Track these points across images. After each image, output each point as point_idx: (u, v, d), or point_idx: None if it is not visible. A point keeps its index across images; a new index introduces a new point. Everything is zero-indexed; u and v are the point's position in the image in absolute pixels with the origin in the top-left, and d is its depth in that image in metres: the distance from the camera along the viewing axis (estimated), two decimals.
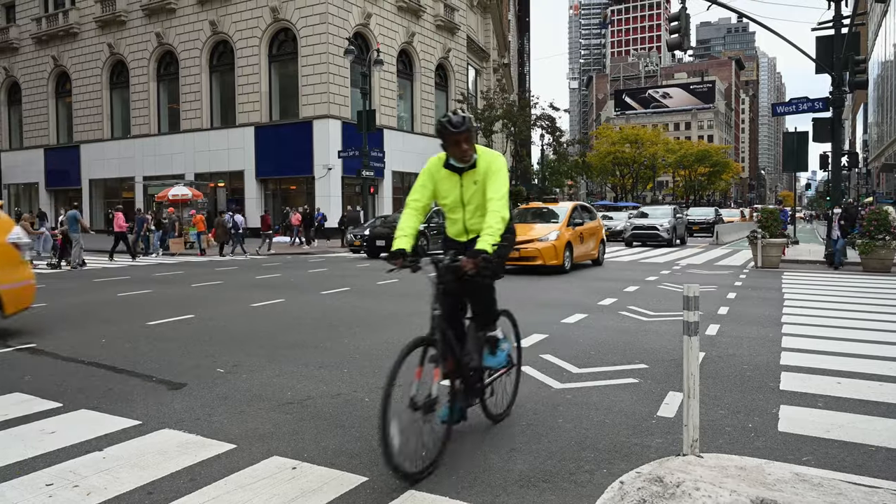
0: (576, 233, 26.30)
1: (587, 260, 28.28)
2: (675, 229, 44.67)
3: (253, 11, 50.90)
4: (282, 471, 5.88)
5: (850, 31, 29.83)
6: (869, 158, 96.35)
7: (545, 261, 24.18)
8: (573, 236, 25.96)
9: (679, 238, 45.98)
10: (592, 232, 28.24)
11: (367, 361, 10.25)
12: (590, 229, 27.93)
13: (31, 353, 11.09)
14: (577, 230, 26.38)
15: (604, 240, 30.18)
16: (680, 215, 48.85)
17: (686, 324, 5.78)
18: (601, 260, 29.36)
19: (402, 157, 53.96)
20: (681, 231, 46.88)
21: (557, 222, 25.96)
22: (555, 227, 25.47)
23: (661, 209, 49.85)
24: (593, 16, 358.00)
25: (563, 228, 25.49)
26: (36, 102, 65.94)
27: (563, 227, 25.58)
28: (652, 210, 49.73)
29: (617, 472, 5.75)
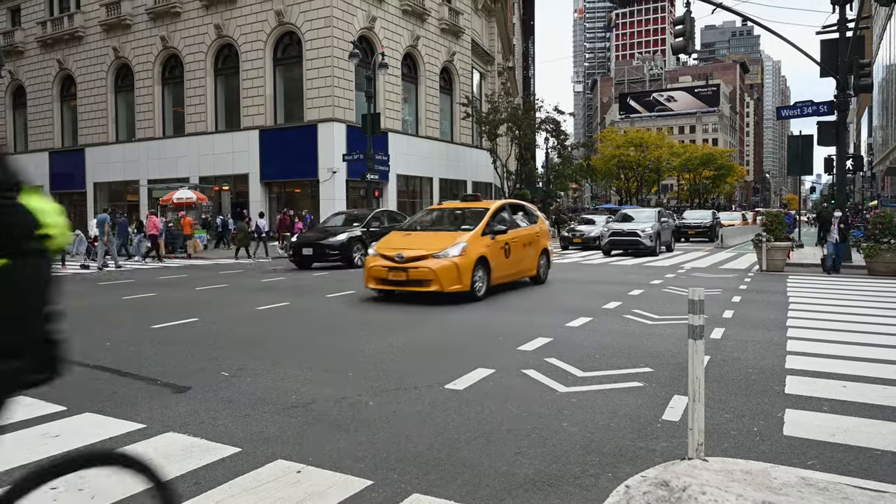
0: (496, 244, 19.42)
1: (522, 278, 21.71)
2: (660, 235, 38.69)
3: (258, 15, 50.93)
4: (287, 474, 5.88)
5: (854, 34, 29.81)
6: (874, 162, 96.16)
7: (443, 286, 17.59)
8: (492, 249, 19.15)
9: (664, 245, 40.48)
10: (528, 241, 21.58)
11: (372, 365, 10.26)
12: (523, 238, 21.17)
13: None
14: (499, 240, 19.56)
15: (547, 250, 23.07)
16: (666, 219, 43.17)
17: (691, 327, 5.78)
18: (543, 277, 22.58)
19: (406, 160, 53.90)
20: (666, 237, 41.19)
21: (471, 229, 19.25)
22: (464, 236, 18.70)
23: (645, 212, 44.57)
24: (598, 19, 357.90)
25: (475, 239, 18.75)
26: (41, 106, 65.97)
27: (476, 236, 18.84)
28: (636, 213, 43.83)
29: (622, 476, 5.74)
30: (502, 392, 8.65)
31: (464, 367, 9.92)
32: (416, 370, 9.88)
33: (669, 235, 42.60)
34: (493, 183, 70.61)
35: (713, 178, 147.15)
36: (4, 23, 67.15)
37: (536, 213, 24.29)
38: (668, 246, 41.91)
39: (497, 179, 69.02)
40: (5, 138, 68.63)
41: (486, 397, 8.42)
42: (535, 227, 22.64)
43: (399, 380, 9.28)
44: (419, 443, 6.71)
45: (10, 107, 68.94)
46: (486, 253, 18.72)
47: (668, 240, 42.11)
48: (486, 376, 9.43)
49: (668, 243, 41.77)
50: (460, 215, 21.20)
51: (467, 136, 65.44)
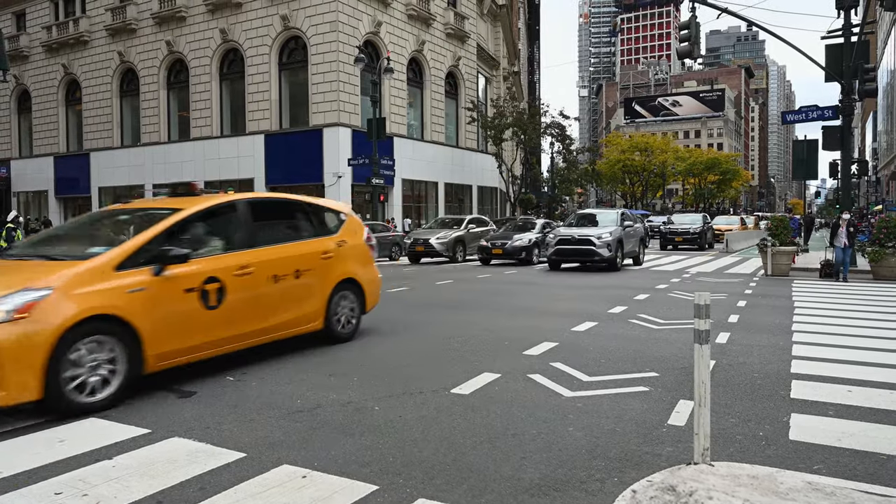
0: (168, 283, 9.45)
1: (283, 334, 11.61)
2: (621, 243, 30.97)
3: (263, 20, 50.92)
4: (292, 479, 5.88)
5: (859, 39, 29.83)
6: (878, 166, 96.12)
7: None
8: (148, 295, 9.15)
9: (630, 256, 33.23)
10: (293, 268, 11.68)
11: (377, 369, 10.25)
12: (271, 264, 11.28)
13: None
14: (177, 275, 9.57)
15: (356, 281, 13.23)
16: (630, 223, 33.14)
17: (697, 332, 5.78)
18: (345, 329, 12.96)
19: (411, 164, 53.88)
20: (631, 246, 32.93)
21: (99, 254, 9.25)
22: (65, 270, 8.68)
23: (609, 214, 34.63)
24: (603, 24, 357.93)
25: (93, 275, 8.76)
26: (46, 110, 65.96)
27: (98, 270, 8.86)
28: (602, 215, 34.68)
29: (628, 481, 5.74)
30: (508, 396, 8.65)
31: (469, 372, 9.94)
32: (422, 375, 9.91)
33: (636, 244, 33.96)
34: (499, 187, 70.59)
35: (718, 183, 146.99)
36: (9, 27, 67.07)
37: (342, 214, 13.98)
38: (637, 258, 34.09)
39: (502, 184, 69.02)
40: (10, 143, 68.72)
41: (491, 402, 8.42)
42: (323, 241, 12.84)
43: (405, 385, 9.29)
44: (425, 447, 6.72)
45: (15, 111, 68.94)
46: (120, 305, 8.78)
47: (636, 249, 33.83)
48: (491, 381, 9.45)
49: (634, 253, 33.74)
50: (120, 223, 11.83)
51: (473, 140, 65.40)
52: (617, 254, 30.14)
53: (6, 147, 69.00)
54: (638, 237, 34.33)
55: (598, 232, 30.44)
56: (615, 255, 29.87)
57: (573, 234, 30.76)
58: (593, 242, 29.64)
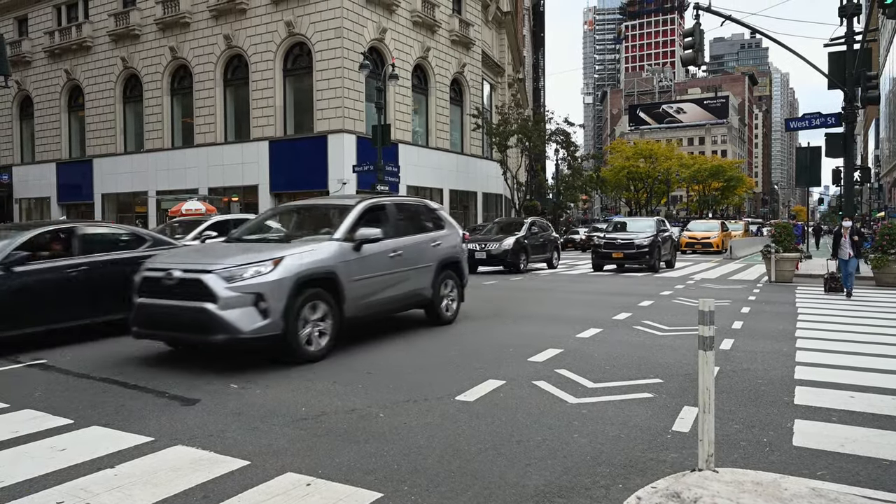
0: None
1: None
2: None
3: (268, 26, 50.93)
4: (296, 487, 5.88)
5: (862, 47, 29.79)
6: (881, 173, 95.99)
7: None
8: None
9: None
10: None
11: (381, 377, 10.26)
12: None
13: (42, 369, 11.10)
14: None
15: None
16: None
17: (701, 338, 5.79)
18: None
19: (416, 171, 53.86)
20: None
21: None
22: None
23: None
24: (608, 31, 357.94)
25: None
26: (48, 116, 65.93)
27: None
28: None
29: (633, 487, 5.74)
30: (513, 403, 8.66)
31: (474, 379, 9.94)
32: (427, 382, 9.92)
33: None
34: (504, 194, 70.59)
35: (722, 190, 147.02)
36: (11, 32, 67.05)
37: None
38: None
39: (507, 191, 69.00)
40: (12, 149, 68.74)
41: (496, 409, 8.43)
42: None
43: (409, 392, 9.30)
44: (429, 455, 6.72)
45: (18, 117, 68.92)
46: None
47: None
48: (496, 387, 9.46)
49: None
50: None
51: (477, 147, 65.39)
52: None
53: (8, 153, 69.00)
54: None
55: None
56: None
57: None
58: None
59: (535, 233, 34.82)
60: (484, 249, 32.47)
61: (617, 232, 35.86)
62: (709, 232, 56.27)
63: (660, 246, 33.94)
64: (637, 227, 36.10)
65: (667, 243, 35.58)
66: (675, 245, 38.36)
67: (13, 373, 10.82)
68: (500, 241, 32.78)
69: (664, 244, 34.89)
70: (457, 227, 17.22)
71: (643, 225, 36.58)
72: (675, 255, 38.20)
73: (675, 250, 38.02)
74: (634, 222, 38.48)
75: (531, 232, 34.56)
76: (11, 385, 9.93)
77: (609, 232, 36.66)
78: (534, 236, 34.55)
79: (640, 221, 38.80)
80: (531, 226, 35.29)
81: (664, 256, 34.99)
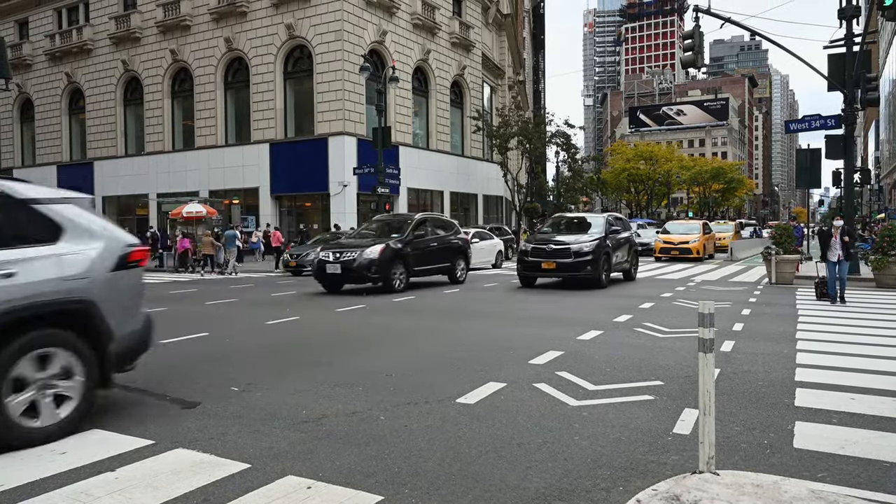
0: None
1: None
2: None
3: (268, 28, 51.01)
4: (297, 490, 5.88)
5: (861, 48, 29.85)
6: (881, 175, 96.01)
7: None
8: None
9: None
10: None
11: (383, 379, 10.25)
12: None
13: None
14: None
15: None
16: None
17: (701, 340, 5.79)
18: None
19: (417, 173, 53.93)
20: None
21: None
22: None
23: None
24: (608, 34, 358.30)
25: None
26: (49, 119, 66.05)
27: None
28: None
29: (633, 490, 5.74)
30: (513, 406, 8.65)
31: (475, 381, 9.94)
32: (428, 384, 9.92)
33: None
34: (504, 196, 70.61)
35: (723, 192, 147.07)
36: (12, 35, 67.13)
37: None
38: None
39: (508, 193, 69.00)
40: (13, 152, 68.75)
41: (497, 411, 8.43)
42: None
43: (410, 394, 9.29)
44: (430, 457, 6.72)
45: (18, 120, 69.04)
46: None
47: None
48: (497, 390, 9.45)
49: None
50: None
51: (478, 149, 65.46)
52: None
53: (9, 156, 69.12)
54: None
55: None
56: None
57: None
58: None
59: (422, 236, 26.85)
60: (339, 261, 24.33)
61: (556, 233, 28.43)
62: (687, 235, 47.45)
63: (608, 252, 26.37)
64: (581, 228, 28.53)
65: (622, 248, 28.37)
66: (635, 250, 30.57)
67: None
68: (361, 250, 24.35)
69: (618, 249, 27.76)
70: None
71: (591, 224, 28.69)
72: (637, 263, 30.97)
73: (635, 257, 30.52)
74: (581, 221, 29.88)
75: (417, 235, 26.49)
76: None
77: (542, 234, 29.27)
78: (421, 240, 26.57)
79: (590, 218, 30.17)
80: (418, 226, 26.93)
81: (619, 265, 28.19)
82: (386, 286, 24.36)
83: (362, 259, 24.01)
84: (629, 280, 29.41)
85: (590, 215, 32.76)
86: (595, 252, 25.52)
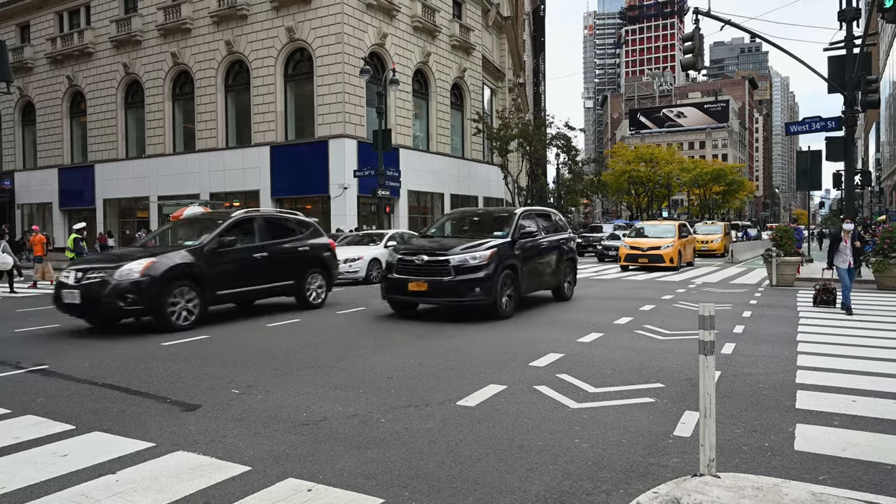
0: None
1: None
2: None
3: (269, 31, 50.98)
4: (297, 493, 5.88)
5: (861, 50, 29.86)
6: (881, 177, 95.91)
7: None
8: None
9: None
10: None
11: (383, 382, 10.25)
12: None
13: (44, 375, 11.08)
14: None
15: None
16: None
17: (702, 343, 5.79)
18: None
19: (417, 176, 53.93)
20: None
21: None
22: None
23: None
24: (608, 36, 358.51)
25: None
26: (50, 122, 66.01)
27: None
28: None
29: (634, 493, 5.74)
30: (514, 408, 8.65)
31: (475, 384, 9.95)
32: (428, 386, 9.92)
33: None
34: (505, 199, 70.59)
35: (723, 194, 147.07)
36: (13, 39, 67.12)
37: None
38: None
39: (508, 195, 68.99)
40: (14, 155, 68.76)
41: (497, 413, 8.44)
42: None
43: (411, 397, 9.30)
44: (430, 460, 6.72)
45: (20, 123, 69.01)
46: None
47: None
48: (497, 392, 9.46)
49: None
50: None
51: (478, 151, 65.42)
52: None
53: (10, 159, 69.14)
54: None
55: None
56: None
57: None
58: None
59: (236, 242, 18.60)
60: (82, 284, 15.81)
61: (440, 238, 20.50)
62: (659, 239, 38.61)
63: (514, 266, 18.49)
64: (481, 229, 20.73)
65: (545, 258, 20.73)
66: (570, 259, 22.61)
67: (15, 378, 10.80)
68: (118, 266, 16.01)
69: (536, 260, 20.18)
70: None
71: (497, 222, 20.56)
72: (574, 278, 23.21)
73: (572, 269, 22.84)
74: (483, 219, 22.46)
75: (225, 242, 18.16)
76: (13, 391, 9.90)
77: (422, 238, 20.98)
78: (233, 250, 18.41)
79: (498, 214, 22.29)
80: (232, 229, 18.69)
81: (540, 281, 20.73)
82: (159, 320, 15.96)
83: (117, 280, 15.58)
84: (561, 300, 21.97)
85: (499, 210, 24.44)
86: (490, 266, 17.35)
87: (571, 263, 22.78)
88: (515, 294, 18.61)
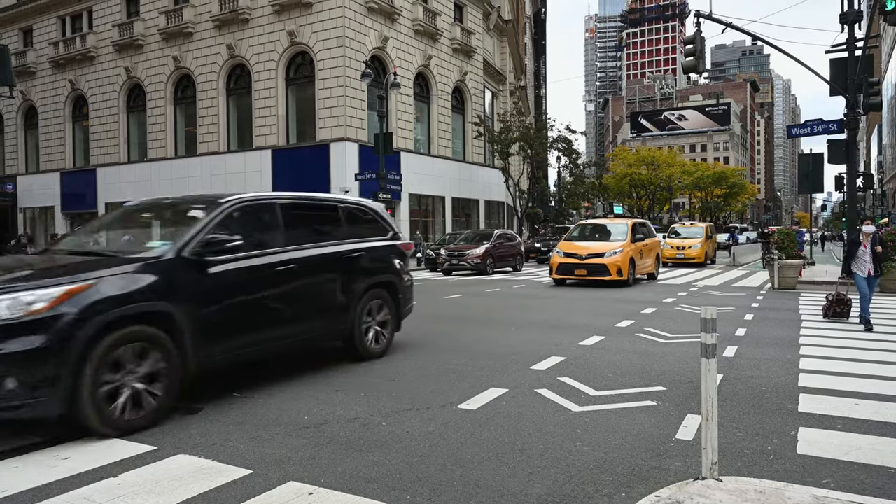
0: None
1: None
2: None
3: (270, 35, 51.04)
4: (298, 496, 5.87)
5: (863, 53, 29.84)
6: (884, 179, 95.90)
7: None
8: None
9: None
10: None
11: (384, 385, 10.25)
12: None
13: None
14: None
15: None
16: None
17: (704, 346, 5.78)
18: None
19: (418, 179, 53.94)
20: None
21: None
22: None
23: None
24: (609, 39, 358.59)
25: None
26: (52, 126, 66.09)
27: None
28: None
29: (636, 496, 5.73)
30: (515, 412, 8.63)
31: (477, 387, 9.94)
32: (429, 390, 9.91)
33: None
34: (506, 202, 70.57)
35: (725, 197, 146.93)
36: (16, 43, 67.16)
37: None
38: None
39: (510, 198, 68.97)
40: (17, 159, 68.77)
41: (499, 417, 8.42)
42: None
43: (412, 400, 9.30)
44: (432, 463, 6.71)
45: (22, 127, 69.07)
46: None
47: None
48: (499, 396, 9.45)
49: None
50: None
51: (479, 155, 65.41)
52: None
53: (13, 163, 69.18)
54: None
55: None
56: None
57: None
58: None
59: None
60: None
61: None
62: (604, 245, 29.55)
63: None
64: None
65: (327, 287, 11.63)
66: (400, 295, 13.38)
67: None
68: None
69: None
70: None
71: None
72: (397, 323, 13.50)
73: (395, 307, 13.27)
74: None
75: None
76: None
77: None
78: None
79: None
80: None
81: None
82: None
83: None
84: None
85: None
86: None
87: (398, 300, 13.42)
88: None
